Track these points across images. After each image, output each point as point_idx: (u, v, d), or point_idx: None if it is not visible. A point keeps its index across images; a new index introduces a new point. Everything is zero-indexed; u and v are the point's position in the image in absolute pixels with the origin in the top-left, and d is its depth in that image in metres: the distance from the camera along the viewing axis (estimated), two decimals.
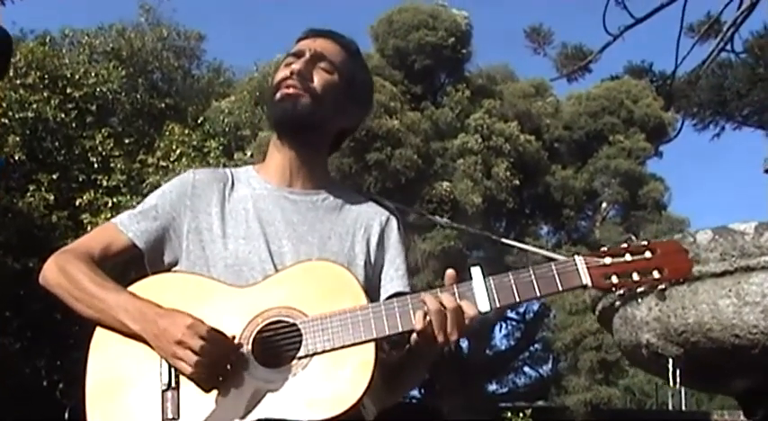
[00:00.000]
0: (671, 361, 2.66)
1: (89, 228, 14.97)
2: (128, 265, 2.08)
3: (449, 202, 15.87)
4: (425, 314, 1.78)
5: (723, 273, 2.53)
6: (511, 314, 20.91)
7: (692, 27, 9.63)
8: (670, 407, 30.20)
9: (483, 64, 18.96)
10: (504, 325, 21.05)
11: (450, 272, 1.84)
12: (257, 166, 2.17)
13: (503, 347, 21.48)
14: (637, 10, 8.22)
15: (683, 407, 30.25)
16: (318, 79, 2.06)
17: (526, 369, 21.87)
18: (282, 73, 2.08)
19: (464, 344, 19.78)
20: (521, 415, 14.71)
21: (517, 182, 16.72)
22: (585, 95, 18.70)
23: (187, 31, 21.01)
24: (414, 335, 1.83)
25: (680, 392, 28.46)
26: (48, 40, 18.84)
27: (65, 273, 1.94)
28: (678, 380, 2.66)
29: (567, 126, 18.59)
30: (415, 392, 19.93)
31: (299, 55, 2.09)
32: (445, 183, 16.02)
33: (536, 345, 20.87)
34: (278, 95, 2.06)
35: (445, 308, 1.77)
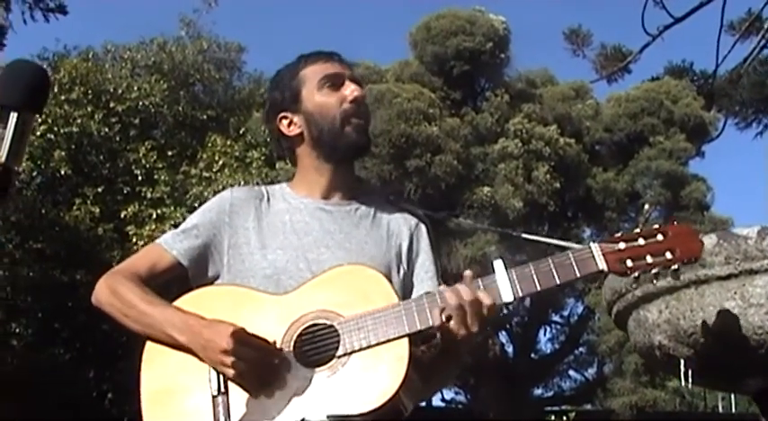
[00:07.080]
0: (682, 361, 2.73)
1: (134, 239, 15.18)
2: (169, 281, 2.18)
3: (490, 207, 15.84)
4: (442, 310, 1.88)
5: (728, 277, 2.61)
6: (555, 317, 20.86)
7: (733, 25, 9.55)
8: (720, 410, 29.84)
9: (522, 68, 18.91)
10: (548, 328, 20.98)
11: (467, 272, 1.93)
12: (290, 184, 2.26)
13: (547, 351, 21.37)
14: (676, 9, 8.18)
15: (734, 410, 29.86)
16: None
17: (571, 372, 21.73)
18: (346, 103, 2.15)
19: (509, 348, 19.75)
20: (564, 418, 14.66)
21: (558, 185, 16.65)
22: (625, 97, 18.55)
23: (227, 42, 21.12)
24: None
25: (730, 395, 28.11)
26: (90, 56, 19.06)
27: (115, 294, 2.07)
28: (690, 379, 2.74)
29: (608, 128, 18.47)
30: (461, 397, 19.90)
31: (337, 79, 2.17)
32: (486, 189, 15.98)
33: (581, 349, 20.74)
34: (351, 126, 2.14)
35: (464, 300, 1.86)
